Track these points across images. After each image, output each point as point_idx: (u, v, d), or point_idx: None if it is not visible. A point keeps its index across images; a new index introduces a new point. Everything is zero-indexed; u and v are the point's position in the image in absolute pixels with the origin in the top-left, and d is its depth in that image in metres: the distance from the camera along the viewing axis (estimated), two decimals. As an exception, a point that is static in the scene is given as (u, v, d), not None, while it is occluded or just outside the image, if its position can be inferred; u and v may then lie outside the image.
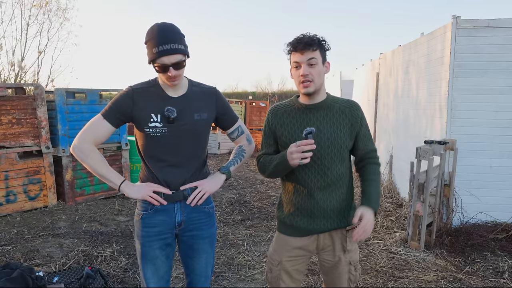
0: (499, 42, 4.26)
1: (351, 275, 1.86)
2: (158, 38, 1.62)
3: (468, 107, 4.38)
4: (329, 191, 1.79)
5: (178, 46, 1.64)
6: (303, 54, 1.68)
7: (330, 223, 1.81)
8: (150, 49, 1.64)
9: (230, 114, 1.95)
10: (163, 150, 1.78)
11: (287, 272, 1.86)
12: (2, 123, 4.87)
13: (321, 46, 1.72)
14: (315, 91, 1.73)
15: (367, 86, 8.38)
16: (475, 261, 3.73)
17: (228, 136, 2.01)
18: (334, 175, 1.78)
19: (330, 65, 1.78)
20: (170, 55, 1.62)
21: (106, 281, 2.90)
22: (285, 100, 1.93)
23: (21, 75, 14.33)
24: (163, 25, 1.66)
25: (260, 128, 12.35)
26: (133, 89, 1.78)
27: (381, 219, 4.92)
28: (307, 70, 1.68)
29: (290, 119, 1.81)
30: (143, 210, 1.82)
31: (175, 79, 1.69)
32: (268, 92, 26.26)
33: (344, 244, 1.84)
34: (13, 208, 5.00)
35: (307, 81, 1.70)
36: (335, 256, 1.85)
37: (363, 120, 1.83)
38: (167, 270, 1.88)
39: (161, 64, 1.64)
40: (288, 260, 1.86)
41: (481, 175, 4.45)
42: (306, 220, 1.82)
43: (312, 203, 1.79)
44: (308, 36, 1.70)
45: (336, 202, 1.80)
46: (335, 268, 1.86)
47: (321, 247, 1.86)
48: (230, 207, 5.55)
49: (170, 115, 1.73)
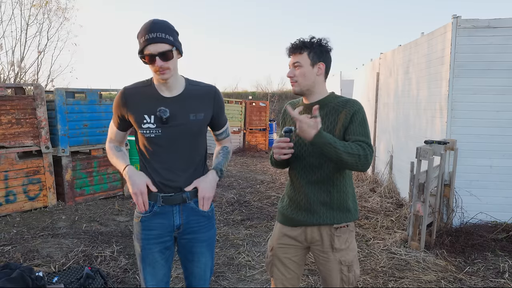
0: (499, 42, 4.26)
1: (343, 276, 1.87)
2: (146, 28, 1.63)
3: (468, 107, 4.38)
4: (317, 188, 1.87)
5: (165, 36, 1.63)
6: (291, 57, 1.86)
7: (316, 218, 1.87)
8: (139, 40, 1.65)
9: (223, 116, 1.94)
10: (158, 151, 1.77)
11: (278, 259, 1.97)
12: (2, 123, 4.86)
13: (312, 49, 1.81)
14: (301, 91, 1.87)
15: (367, 86, 8.38)
16: (475, 261, 3.73)
17: (215, 136, 1.98)
18: (325, 172, 1.85)
19: (324, 65, 1.84)
20: (156, 43, 1.61)
21: (105, 281, 2.89)
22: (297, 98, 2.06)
23: (21, 75, 14.32)
24: (155, 19, 1.67)
25: (260, 128, 12.34)
26: (125, 91, 1.77)
27: (381, 219, 4.92)
28: (291, 72, 1.85)
29: (291, 117, 1.92)
30: (142, 213, 1.81)
31: (163, 71, 1.66)
32: (268, 92, 26.24)
33: (332, 242, 1.87)
34: (12, 208, 4.99)
35: (292, 82, 1.87)
36: (324, 253, 1.90)
37: (355, 116, 1.77)
38: (166, 272, 1.88)
39: (148, 54, 1.63)
40: (279, 247, 1.98)
41: (481, 175, 4.45)
42: (295, 212, 1.93)
43: (301, 196, 1.91)
44: (300, 40, 1.83)
45: (323, 199, 1.86)
46: (324, 265, 1.91)
47: (309, 240, 1.92)
48: (230, 207, 5.54)
49: (163, 115, 1.71)
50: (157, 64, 1.63)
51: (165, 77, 1.68)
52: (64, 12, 15.45)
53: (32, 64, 15.84)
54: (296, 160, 1.90)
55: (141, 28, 1.66)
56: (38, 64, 15.06)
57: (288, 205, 1.97)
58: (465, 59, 4.32)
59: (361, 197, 6.10)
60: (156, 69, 1.66)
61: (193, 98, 1.79)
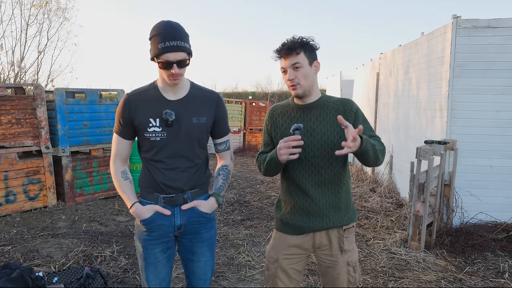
0: (499, 42, 4.26)
1: (350, 277, 1.85)
2: (165, 34, 1.62)
3: (468, 107, 4.38)
4: (324, 190, 1.81)
5: (184, 44, 1.65)
6: (287, 59, 1.73)
7: (326, 221, 1.82)
8: (155, 44, 1.64)
9: (225, 125, 1.94)
10: (162, 154, 1.77)
11: (283, 270, 1.88)
12: (2, 123, 4.86)
13: (306, 48, 1.74)
14: (304, 92, 1.78)
15: (367, 86, 8.37)
16: (475, 261, 3.73)
17: (215, 145, 1.97)
18: (328, 174, 1.80)
19: (320, 64, 1.81)
20: (175, 52, 1.63)
21: (105, 281, 2.89)
22: (284, 101, 1.97)
23: (21, 75, 14.31)
24: (170, 22, 1.67)
25: (260, 128, 12.35)
26: (129, 97, 1.78)
27: (381, 219, 4.92)
28: (292, 74, 1.74)
29: (284, 119, 1.86)
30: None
31: (177, 77, 1.69)
32: (268, 92, 26.25)
33: (341, 244, 1.84)
34: (12, 208, 4.99)
35: (294, 85, 1.75)
36: (332, 256, 1.85)
37: (358, 114, 1.80)
38: (168, 272, 1.90)
39: (165, 61, 1.64)
40: (284, 258, 1.88)
41: (481, 175, 4.45)
42: (302, 218, 1.84)
43: (307, 201, 1.82)
44: (291, 40, 1.74)
45: (332, 201, 1.82)
46: (332, 268, 1.86)
47: (317, 245, 1.87)
48: (230, 207, 5.54)
49: (169, 118, 1.72)
50: (173, 71, 1.65)
51: (177, 82, 1.71)
52: (64, 12, 15.43)
53: (32, 64, 15.83)
54: (297, 163, 1.80)
55: (156, 30, 1.65)
56: (38, 64, 15.04)
57: (291, 212, 1.87)
58: (465, 59, 4.32)
59: (361, 197, 6.10)
60: (170, 74, 1.67)
61: (196, 102, 1.81)
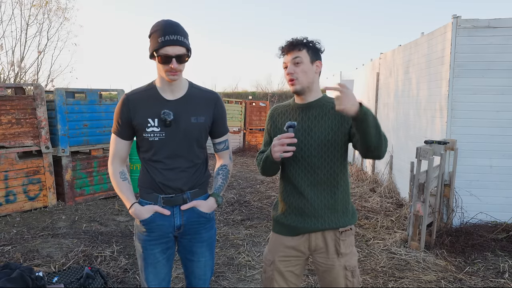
0: (499, 42, 4.26)
1: (348, 282, 1.79)
2: (165, 29, 1.64)
3: (468, 107, 4.38)
4: (320, 190, 1.78)
5: (183, 40, 1.66)
6: (289, 54, 1.75)
7: (321, 222, 1.79)
8: (155, 39, 1.65)
9: (224, 125, 1.94)
10: (161, 154, 1.77)
11: (280, 273, 1.84)
12: (2, 123, 4.86)
13: (310, 47, 1.76)
14: (302, 89, 1.77)
15: (367, 86, 8.38)
16: (475, 261, 3.73)
17: (214, 145, 1.97)
18: (324, 174, 1.77)
19: (321, 64, 1.80)
20: (175, 45, 1.63)
21: (105, 281, 2.89)
22: (286, 101, 1.96)
23: (21, 75, 14.30)
24: (170, 20, 1.69)
25: (260, 128, 12.35)
26: (127, 97, 1.78)
27: (381, 219, 4.92)
28: (291, 68, 1.74)
29: (284, 119, 1.86)
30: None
31: (175, 73, 1.68)
32: (268, 92, 26.24)
33: (338, 247, 1.79)
34: (12, 208, 4.99)
35: (292, 79, 1.75)
36: (329, 259, 1.80)
37: None
38: (167, 272, 1.90)
39: (164, 55, 1.64)
40: (280, 260, 1.85)
41: (481, 175, 4.45)
42: (297, 219, 1.82)
43: (302, 202, 1.80)
44: (296, 38, 1.76)
45: (327, 202, 1.79)
46: (328, 272, 1.81)
47: (313, 248, 1.82)
48: (230, 207, 5.54)
49: (167, 118, 1.72)
50: (172, 66, 1.65)
51: (175, 78, 1.70)
52: (64, 12, 15.42)
53: (32, 64, 15.82)
54: (294, 162, 1.79)
55: (156, 27, 1.67)
56: (38, 64, 15.04)
57: (286, 213, 1.85)
58: (465, 59, 4.32)
59: (361, 197, 6.10)
60: (169, 69, 1.67)
61: (195, 101, 1.81)
